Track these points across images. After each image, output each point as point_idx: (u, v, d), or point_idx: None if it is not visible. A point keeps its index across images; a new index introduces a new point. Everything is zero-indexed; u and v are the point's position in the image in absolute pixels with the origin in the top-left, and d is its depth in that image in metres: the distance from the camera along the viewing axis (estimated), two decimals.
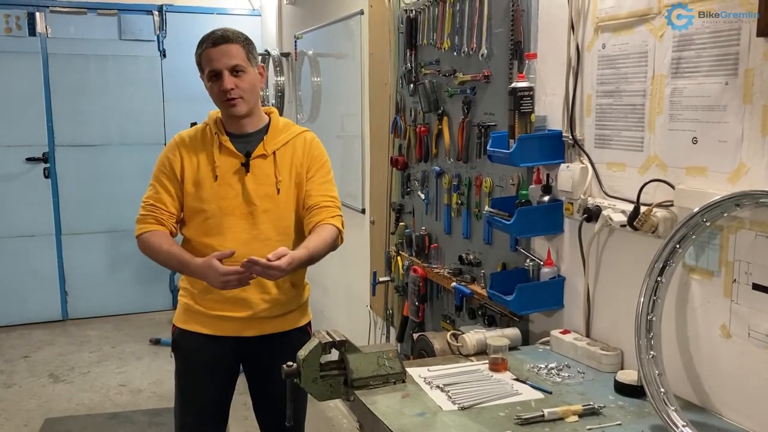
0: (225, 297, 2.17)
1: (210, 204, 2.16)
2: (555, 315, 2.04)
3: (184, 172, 2.19)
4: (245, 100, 2.15)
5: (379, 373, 1.69)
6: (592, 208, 1.80)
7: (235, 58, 2.12)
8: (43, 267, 5.37)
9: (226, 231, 2.16)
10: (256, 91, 2.20)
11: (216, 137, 2.20)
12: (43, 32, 5.21)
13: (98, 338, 5.11)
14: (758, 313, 1.40)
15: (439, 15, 2.53)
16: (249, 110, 2.18)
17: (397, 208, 3.03)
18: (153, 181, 2.24)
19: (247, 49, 2.16)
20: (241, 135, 2.21)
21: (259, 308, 2.22)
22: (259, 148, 2.20)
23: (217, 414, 2.36)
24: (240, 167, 2.18)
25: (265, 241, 2.17)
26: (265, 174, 2.19)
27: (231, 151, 2.19)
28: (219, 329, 2.23)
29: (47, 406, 3.98)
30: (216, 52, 2.11)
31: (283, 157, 2.21)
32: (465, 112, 2.40)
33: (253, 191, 2.17)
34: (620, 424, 1.49)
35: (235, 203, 2.16)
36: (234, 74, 2.12)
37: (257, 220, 2.17)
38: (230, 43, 2.12)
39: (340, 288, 4.15)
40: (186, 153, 2.20)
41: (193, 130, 2.27)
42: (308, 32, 4.37)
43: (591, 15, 1.82)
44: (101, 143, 5.43)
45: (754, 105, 1.39)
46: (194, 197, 2.18)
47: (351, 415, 3.57)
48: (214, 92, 2.16)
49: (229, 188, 2.17)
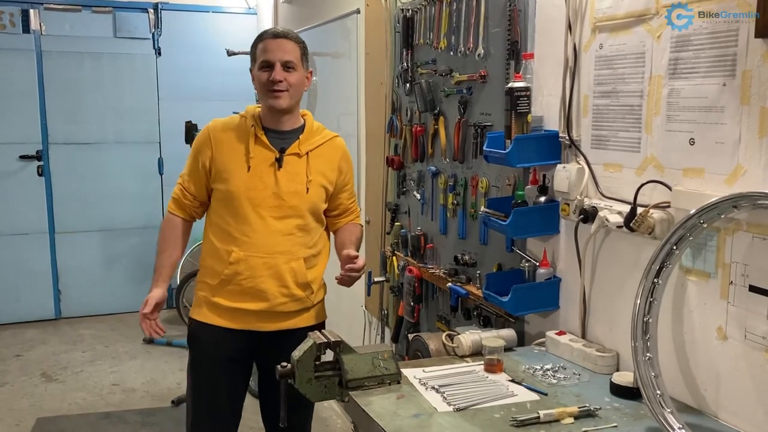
0: (243, 288, 2.23)
1: (240, 193, 2.21)
2: (551, 316, 2.03)
3: (213, 161, 2.25)
4: (290, 95, 2.21)
5: (374, 374, 1.69)
6: (589, 209, 1.80)
7: (290, 54, 2.20)
8: (37, 265, 5.34)
9: (252, 221, 2.21)
10: (301, 90, 2.27)
11: (253, 129, 2.24)
12: (38, 29, 5.19)
13: (91, 337, 5.09)
14: (755, 315, 1.40)
15: (436, 14, 2.53)
16: (290, 106, 2.24)
17: (392, 208, 3.03)
18: (188, 158, 2.33)
19: (302, 50, 2.26)
20: (277, 131, 2.27)
21: (276, 301, 2.25)
22: (294, 146, 2.25)
23: (230, 409, 2.35)
24: (273, 162, 2.23)
25: (288, 235, 2.23)
26: (297, 172, 2.24)
27: (266, 145, 2.24)
28: (235, 322, 2.26)
29: (39, 405, 3.96)
30: (274, 44, 2.20)
31: (316, 159, 2.28)
32: (461, 112, 2.39)
33: (283, 186, 2.22)
34: (616, 426, 1.49)
35: (263, 195, 2.21)
36: (285, 69, 2.19)
37: (283, 215, 2.23)
38: (289, 40, 2.22)
39: (334, 288, 4.13)
40: (218, 141, 2.26)
41: (229, 119, 2.32)
42: (304, 31, 4.35)
43: (588, 15, 1.81)
44: (96, 141, 5.41)
45: (751, 106, 1.38)
46: (224, 185, 2.23)
47: (346, 416, 3.56)
48: (261, 80, 2.21)
49: (259, 180, 2.21)
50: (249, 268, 2.21)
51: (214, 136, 2.26)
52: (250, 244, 2.20)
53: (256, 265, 2.21)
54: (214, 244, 2.26)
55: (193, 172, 2.29)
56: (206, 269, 2.30)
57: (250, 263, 2.20)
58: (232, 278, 2.22)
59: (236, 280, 2.22)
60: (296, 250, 2.24)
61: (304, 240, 2.26)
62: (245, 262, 2.20)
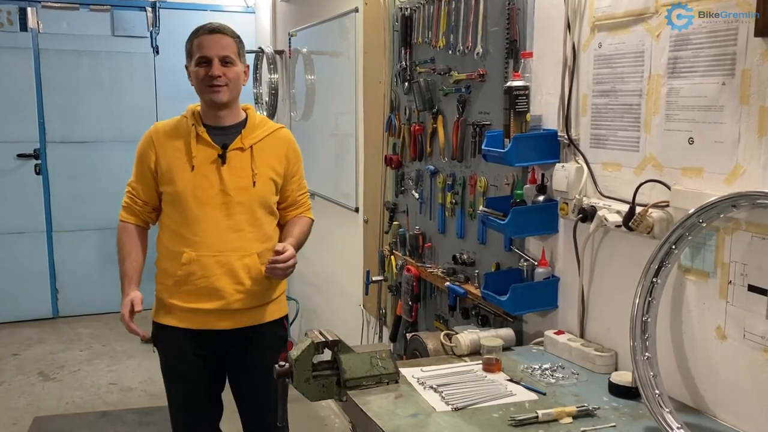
0: (197, 288, 2.23)
1: (186, 193, 2.22)
2: (549, 315, 2.03)
3: (158, 164, 2.25)
4: (229, 90, 2.22)
5: (372, 374, 1.68)
6: (587, 209, 1.79)
7: (227, 49, 2.22)
8: (34, 264, 5.34)
9: (201, 221, 2.22)
10: (239, 85, 2.28)
11: (194, 128, 2.25)
12: (35, 27, 5.18)
13: (89, 336, 5.08)
14: (753, 315, 1.39)
15: (435, 13, 2.52)
16: (229, 101, 2.25)
17: (390, 207, 3.02)
18: (134, 166, 2.33)
19: (238, 45, 2.27)
20: (218, 127, 2.27)
21: (232, 299, 2.25)
22: (237, 141, 2.26)
23: (207, 406, 2.39)
24: (217, 158, 2.23)
25: (239, 231, 2.24)
26: (242, 167, 2.25)
27: (208, 143, 2.24)
28: (194, 322, 2.27)
29: (36, 404, 3.95)
30: (210, 39, 2.21)
31: (261, 152, 2.28)
32: (460, 110, 2.39)
33: (229, 182, 2.23)
34: (614, 425, 1.48)
35: (210, 193, 2.22)
36: (223, 64, 2.21)
37: (231, 211, 2.23)
38: (225, 35, 2.23)
39: (332, 287, 4.13)
40: (161, 144, 2.27)
41: (169, 121, 2.33)
42: (302, 30, 4.35)
43: (587, 14, 1.81)
44: (93, 140, 5.40)
45: (751, 106, 1.38)
46: (170, 187, 2.24)
47: (343, 415, 3.55)
48: (199, 77, 2.21)
49: (204, 179, 2.22)
50: (202, 268, 2.22)
51: (156, 140, 2.27)
52: (201, 244, 2.21)
53: (208, 264, 2.22)
54: (167, 246, 2.28)
55: (141, 178, 2.30)
56: (161, 271, 2.31)
57: (202, 263, 2.22)
58: (187, 279, 2.22)
59: (190, 281, 2.23)
60: (249, 245, 2.25)
61: (256, 235, 2.26)
62: (198, 262, 2.21)
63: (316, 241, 4.34)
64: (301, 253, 2.33)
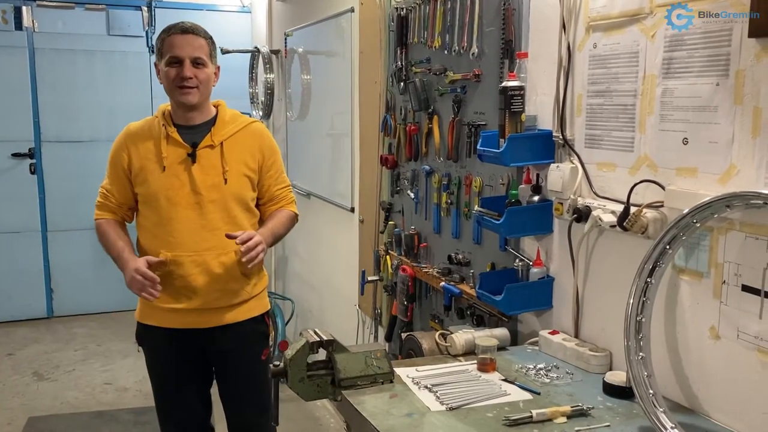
0: (175, 288, 2.23)
1: (158, 194, 2.22)
2: (544, 315, 2.03)
3: (131, 164, 2.25)
4: (199, 91, 2.22)
5: (367, 373, 1.68)
6: (582, 209, 1.79)
7: (199, 50, 2.21)
8: (29, 264, 5.32)
9: (174, 221, 2.21)
10: (210, 86, 2.28)
11: (164, 128, 2.24)
12: (30, 26, 5.16)
13: (84, 336, 5.07)
14: (747, 315, 1.40)
15: (430, 13, 2.52)
16: (199, 102, 2.24)
17: (386, 207, 3.02)
18: (107, 169, 2.32)
19: (210, 46, 2.26)
20: (188, 127, 2.27)
21: (210, 297, 2.26)
22: (207, 138, 2.25)
23: (195, 404, 2.39)
24: (186, 157, 2.23)
25: (213, 230, 2.23)
26: (212, 164, 2.24)
27: (178, 142, 2.24)
28: (175, 322, 2.28)
29: (31, 404, 3.94)
30: (183, 39, 2.19)
31: (232, 148, 2.27)
32: (455, 111, 2.39)
33: (200, 181, 2.22)
34: (609, 425, 1.48)
35: (182, 193, 2.22)
36: (195, 65, 2.19)
37: (204, 210, 2.23)
38: (198, 36, 2.22)
39: (328, 287, 4.13)
40: (133, 145, 2.26)
41: (142, 122, 2.33)
42: (298, 29, 4.35)
43: (582, 14, 1.81)
44: (88, 139, 5.38)
45: (744, 106, 1.38)
46: (143, 188, 2.24)
47: (338, 415, 3.55)
48: (170, 77, 2.20)
49: (175, 178, 2.22)
50: (179, 268, 2.22)
51: (128, 141, 2.27)
52: (177, 244, 2.21)
53: (184, 264, 2.22)
54: (145, 247, 2.28)
55: (115, 180, 2.29)
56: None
57: (178, 263, 2.21)
58: (165, 280, 2.21)
59: (169, 281, 2.22)
60: (225, 243, 2.23)
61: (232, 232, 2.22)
62: (174, 262, 2.21)
63: (311, 241, 4.35)
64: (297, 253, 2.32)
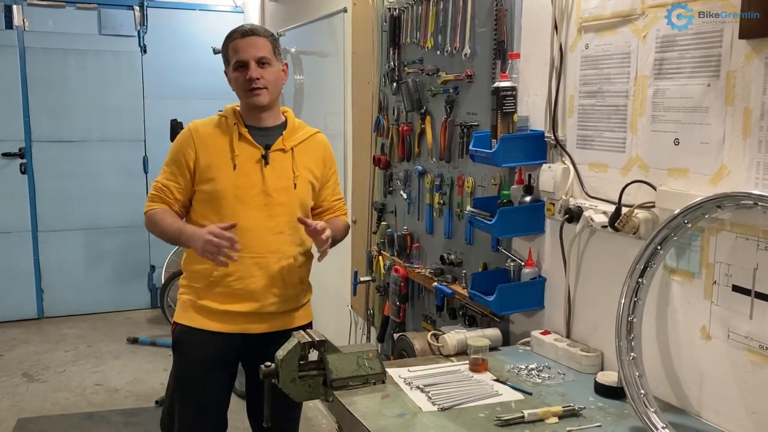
0: (232, 290, 2.19)
1: (227, 192, 2.17)
2: (535, 316, 2.03)
3: (198, 162, 2.20)
4: (269, 91, 2.19)
5: (359, 374, 1.68)
6: (574, 209, 1.80)
7: (262, 50, 2.18)
8: (19, 264, 5.28)
9: (240, 220, 2.15)
10: (279, 85, 2.25)
11: (236, 127, 2.21)
12: (21, 25, 5.13)
13: (74, 337, 5.04)
14: (738, 315, 1.40)
15: (423, 14, 2.52)
16: (270, 102, 2.22)
17: (379, 208, 3.02)
18: (165, 166, 2.26)
19: (273, 44, 2.23)
20: (259, 128, 2.24)
21: (267, 302, 2.22)
22: (279, 142, 2.24)
23: (216, 413, 2.31)
24: (260, 158, 2.20)
25: (278, 233, 2.21)
26: (283, 168, 2.22)
27: (251, 142, 2.21)
28: (225, 324, 2.22)
29: (21, 405, 3.91)
30: (244, 43, 2.17)
31: (301, 155, 2.26)
32: (448, 111, 2.39)
33: (271, 183, 2.20)
34: (600, 425, 1.49)
35: (251, 193, 2.18)
36: (260, 66, 2.17)
37: (273, 212, 2.20)
38: (258, 36, 2.19)
39: (320, 287, 4.10)
40: (201, 142, 2.21)
41: (207, 120, 2.28)
42: (291, 30, 4.34)
43: (574, 15, 1.81)
44: (79, 139, 5.36)
45: (735, 107, 1.39)
46: (210, 185, 2.18)
47: (330, 415, 3.54)
48: (239, 82, 2.19)
49: (246, 178, 2.18)
50: (240, 269, 2.17)
51: (196, 138, 2.21)
52: (240, 245, 2.12)
53: (247, 266, 2.17)
54: None
55: (175, 176, 2.21)
56: (192, 273, 2.24)
57: (241, 264, 2.15)
58: (222, 280, 2.18)
59: (225, 282, 2.18)
60: (287, 248, 2.22)
61: (293, 238, 2.24)
62: (236, 263, 2.13)
63: None
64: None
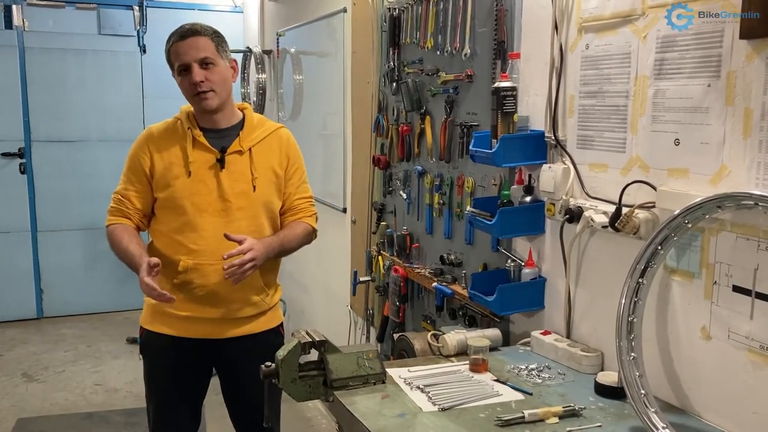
0: (196, 296, 2.14)
1: (183, 200, 2.12)
2: (536, 316, 2.03)
3: (153, 169, 2.15)
4: (217, 94, 2.11)
5: (359, 374, 1.68)
6: (574, 209, 1.80)
7: (204, 50, 2.09)
8: (18, 264, 5.29)
9: (199, 228, 2.12)
10: (228, 84, 2.16)
11: (189, 132, 2.15)
12: (20, 25, 5.13)
13: (74, 337, 5.04)
14: (738, 315, 1.40)
15: (423, 14, 2.52)
16: (220, 104, 2.14)
17: (378, 208, 3.02)
18: (123, 174, 2.22)
19: (216, 41, 2.13)
20: (214, 130, 2.18)
21: (233, 307, 2.18)
22: (235, 144, 2.16)
23: (189, 417, 2.30)
24: (215, 163, 2.14)
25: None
26: (241, 171, 2.16)
27: (205, 147, 2.15)
28: (189, 331, 2.18)
29: (20, 405, 3.91)
30: (184, 45, 2.09)
31: (260, 154, 2.19)
32: (448, 111, 2.39)
33: (228, 188, 2.13)
34: (600, 425, 1.49)
35: (209, 200, 2.12)
36: (203, 67, 2.09)
37: (231, 218, 2.14)
38: (198, 36, 2.10)
39: (320, 287, 4.12)
40: (156, 148, 2.16)
41: (163, 124, 2.23)
42: (290, 30, 4.34)
43: (575, 15, 1.81)
44: (79, 139, 5.36)
45: (736, 107, 1.39)
46: (166, 193, 2.13)
47: (330, 415, 3.54)
48: (184, 87, 2.12)
49: (202, 184, 2.13)
50: (200, 276, 2.12)
51: (151, 143, 2.16)
52: (200, 252, 2.10)
53: (207, 273, 2.11)
54: (161, 254, 2.12)
55: (133, 183, 2.17)
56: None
57: (201, 271, 2.11)
58: (183, 287, 2.12)
59: (187, 289, 2.13)
60: None
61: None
62: (196, 271, 2.11)
63: None
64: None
